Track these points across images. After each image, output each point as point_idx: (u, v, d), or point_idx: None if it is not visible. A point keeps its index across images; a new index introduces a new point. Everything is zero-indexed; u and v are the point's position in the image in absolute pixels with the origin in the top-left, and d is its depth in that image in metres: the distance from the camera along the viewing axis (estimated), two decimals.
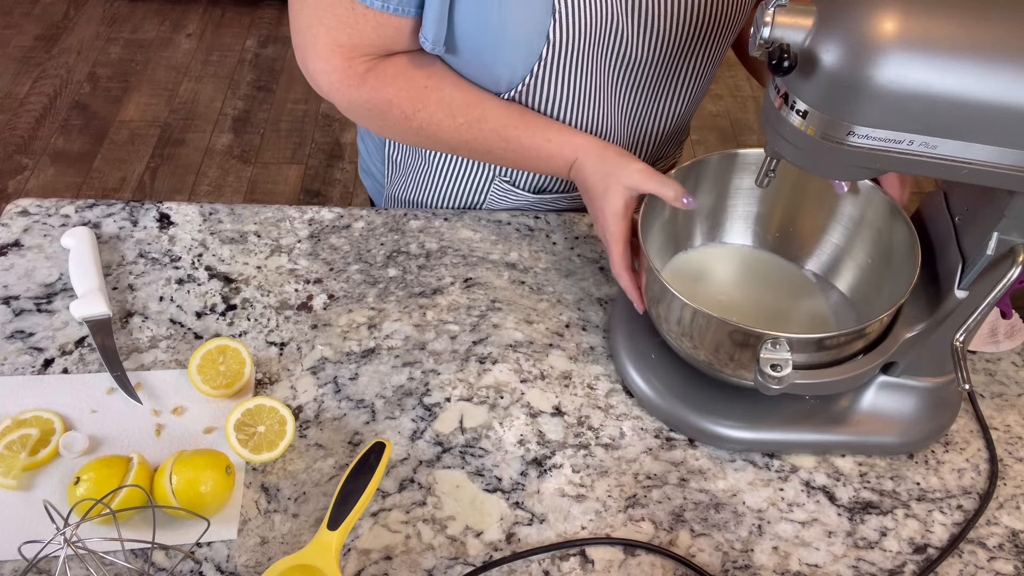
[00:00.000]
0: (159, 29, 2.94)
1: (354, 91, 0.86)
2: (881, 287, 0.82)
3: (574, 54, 0.84)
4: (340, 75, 0.85)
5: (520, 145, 0.88)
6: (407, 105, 0.87)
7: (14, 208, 0.97)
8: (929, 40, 0.55)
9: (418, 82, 0.86)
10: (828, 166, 0.63)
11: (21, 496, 0.73)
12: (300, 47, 0.86)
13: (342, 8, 0.80)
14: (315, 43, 0.84)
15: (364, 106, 0.88)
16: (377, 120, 0.89)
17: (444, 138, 0.89)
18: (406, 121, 0.88)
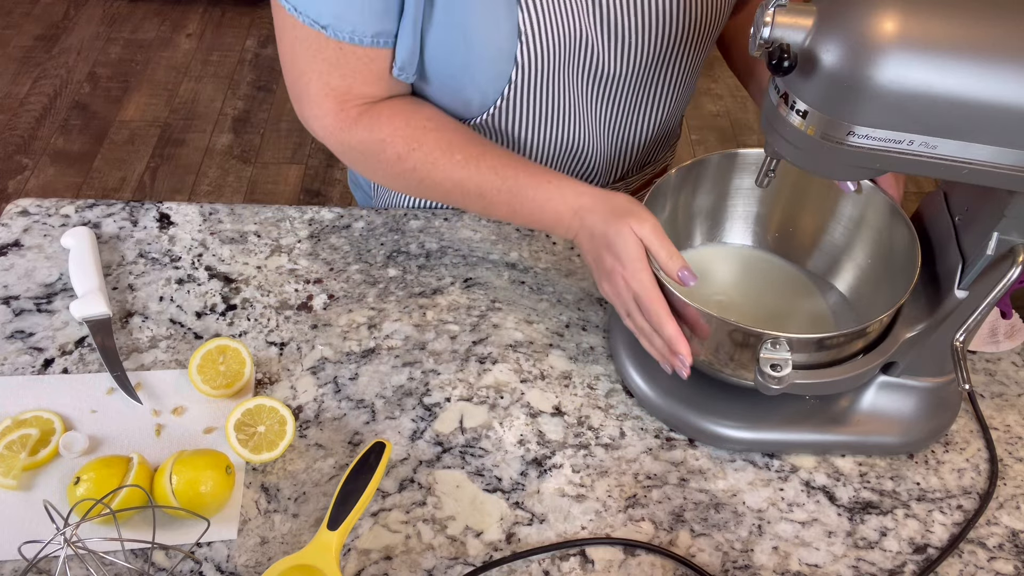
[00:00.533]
0: (159, 29, 2.93)
1: (346, 133, 0.85)
2: (881, 287, 0.82)
3: (545, 74, 0.84)
4: (333, 119, 0.85)
5: (517, 184, 0.82)
6: (402, 144, 0.84)
7: (14, 208, 0.98)
8: (929, 40, 0.55)
9: (416, 122, 0.85)
10: (828, 166, 0.63)
11: (21, 496, 0.73)
12: (296, 97, 0.87)
13: (330, 51, 0.81)
14: (308, 90, 0.84)
15: (357, 148, 0.86)
16: (370, 162, 0.87)
17: (437, 179, 0.85)
18: (399, 162, 0.85)
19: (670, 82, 0.92)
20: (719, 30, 0.91)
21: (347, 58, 0.81)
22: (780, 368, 0.70)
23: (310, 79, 0.83)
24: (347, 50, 0.81)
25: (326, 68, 0.82)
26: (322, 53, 0.81)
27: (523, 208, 0.82)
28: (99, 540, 0.69)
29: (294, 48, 0.83)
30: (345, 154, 0.88)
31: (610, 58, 0.86)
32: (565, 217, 0.81)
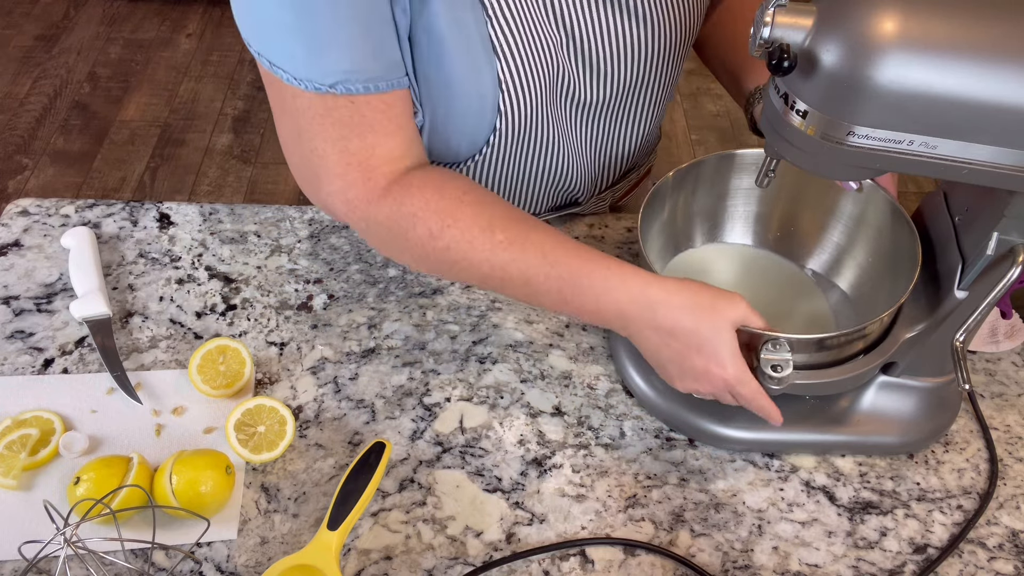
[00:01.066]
0: (159, 29, 2.93)
1: (374, 207, 0.75)
2: (882, 286, 0.82)
3: (529, 115, 0.81)
4: (359, 190, 0.75)
5: (570, 271, 0.72)
6: (434, 220, 0.74)
7: (14, 208, 0.97)
8: (929, 40, 0.55)
9: (450, 194, 0.75)
10: (828, 166, 0.63)
11: (21, 496, 0.73)
12: (308, 179, 0.77)
13: (342, 111, 0.72)
14: (325, 164, 0.74)
15: (384, 223, 0.76)
16: (397, 240, 0.76)
17: (475, 260, 0.74)
18: (431, 240, 0.74)
19: (649, 99, 0.91)
20: (693, 40, 0.90)
21: (363, 112, 0.72)
22: (781, 369, 0.70)
23: (325, 151, 0.74)
24: (361, 103, 0.72)
25: (341, 132, 0.73)
26: (332, 116, 0.72)
27: (576, 299, 0.73)
28: (99, 540, 0.69)
29: (298, 122, 0.73)
30: (369, 231, 0.78)
31: (587, 87, 0.84)
32: (630, 311, 0.72)
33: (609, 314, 0.73)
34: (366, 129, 0.73)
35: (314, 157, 0.75)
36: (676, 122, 2.63)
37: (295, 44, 0.69)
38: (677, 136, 2.58)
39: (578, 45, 0.81)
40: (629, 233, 1.00)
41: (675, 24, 0.84)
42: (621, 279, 0.72)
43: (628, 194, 1.06)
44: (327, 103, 0.71)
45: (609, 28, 0.81)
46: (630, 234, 1.00)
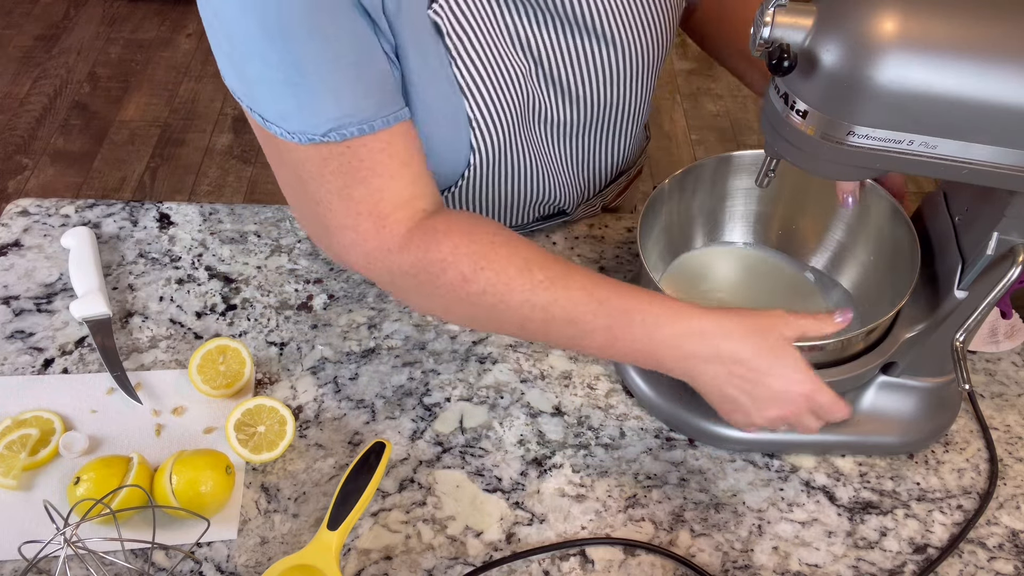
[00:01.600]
0: (159, 29, 2.93)
1: (396, 257, 0.70)
2: (883, 285, 0.82)
3: (503, 146, 0.79)
4: (375, 241, 0.70)
5: (618, 308, 0.68)
6: (467, 264, 0.69)
7: (14, 208, 0.97)
8: (929, 40, 0.55)
9: (480, 237, 0.70)
10: (828, 166, 0.63)
11: (21, 496, 0.73)
12: (318, 232, 0.74)
13: (340, 157, 0.68)
14: (332, 215, 0.70)
15: (409, 273, 0.70)
16: (425, 289, 0.71)
17: (513, 302, 0.69)
18: (463, 285, 0.69)
19: (625, 116, 0.89)
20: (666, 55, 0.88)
21: (360, 156, 0.68)
22: None
23: (330, 202, 0.69)
24: (357, 147, 0.67)
25: (343, 181, 0.68)
26: (331, 165, 0.68)
27: (627, 336, 0.68)
28: (99, 540, 0.69)
29: (298, 174, 0.70)
30: (395, 283, 0.73)
31: (561, 110, 0.83)
32: (687, 345, 0.67)
33: (664, 350, 0.68)
34: (367, 173, 0.69)
35: (320, 209, 0.71)
36: (676, 122, 2.63)
37: (286, 100, 0.66)
38: (677, 136, 2.58)
39: (547, 71, 0.79)
40: (629, 233, 1.00)
41: (645, 44, 0.82)
42: (674, 312, 0.68)
43: (620, 196, 1.06)
44: (323, 153, 0.67)
45: (577, 52, 0.79)
46: (630, 234, 1.00)
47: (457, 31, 0.71)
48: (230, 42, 0.66)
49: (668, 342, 0.68)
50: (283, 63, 0.64)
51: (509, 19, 0.75)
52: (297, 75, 0.65)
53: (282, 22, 0.63)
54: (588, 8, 0.77)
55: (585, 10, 0.77)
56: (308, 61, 0.64)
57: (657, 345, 0.68)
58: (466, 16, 0.72)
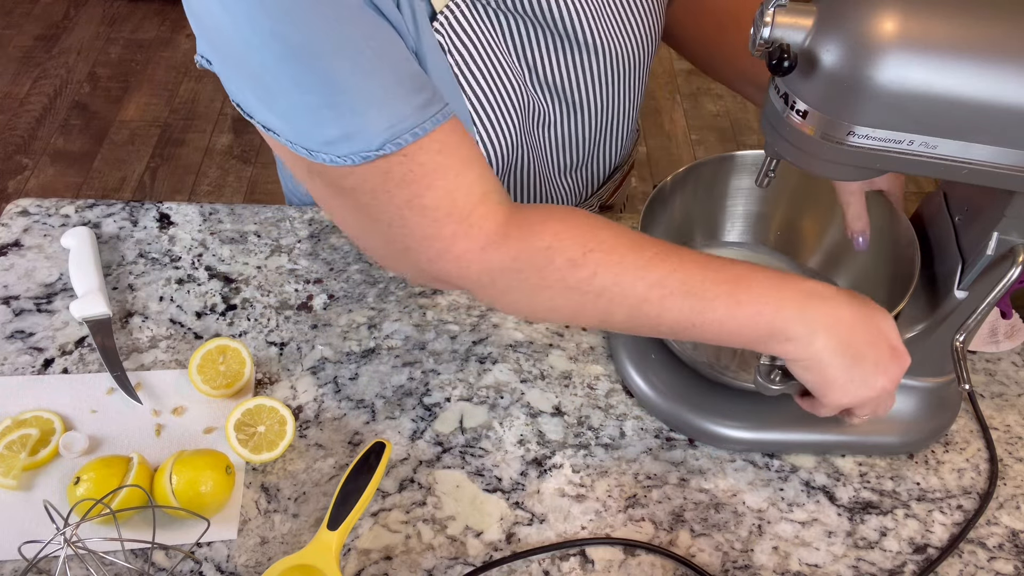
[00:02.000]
0: (159, 29, 2.93)
1: (492, 254, 0.66)
2: (882, 287, 0.82)
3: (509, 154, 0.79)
4: (465, 242, 0.65)
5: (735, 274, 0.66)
6: (573, 247, 0.65)
7: (14, 208, 0.97)
8: (929, 40, 0.55)
9: (578, 222, 0.67)
10: (828, 166, 0.63)
11: (21, 496, 0.73)
12: (398, 255, 0.69)
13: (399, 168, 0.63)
14: (409, 231, 0.65)
15: (511, 267, 0.66)
16: (531, 280, 0.66)
17: (627, 282, 0.65)
18: (573, 269, 0.65)
19: (622, 112, 0.90)
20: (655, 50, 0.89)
21: (421, 161, 0.64)
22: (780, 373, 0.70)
23: (404, 218, 0.65)
24: (414, 152, 0.63)
25: (411, 192, 0.64)
26: (393, 179, 0.63)
27: (750, 300, 0.64)
28: (99, 540, 0.69)
29: (359, 201, 0.65)
30: (496, 282, 0.67)
31: (558, 115, 0.84)
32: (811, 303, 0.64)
33: (789, 310, 0.64)
34: (433, 177, 0.64)
35: (394, 230, 0.66)
36: (676, 122, 2.63)
37: (331, 123, 0.61)
38: (677, 136, 2.58)
39: (541, 78, 0.80)
40: None
41: (629, 46, 0.83)
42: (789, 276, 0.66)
43: (614, 195, 1.06)
44: (381, 168, 0.63)
45: (565, 59, 0.80)
46: None
47: (458, 46, 0.71)
48: (255, 80, 0.62)
49: (794, 300, 0.64)
50: (318, 84, 0.60)
51: (504, 28, 0.75)
52: (336, 93, 0.61)
53: (308, 40, 0.59)
54: (569, 16, 0.77)
55: (566, 18, 0.77)
56: (344, 76, 0.60)
57: (784, 306, 0.64)
58: (466, 30, 0.72)
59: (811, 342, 0.65)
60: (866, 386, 0.66)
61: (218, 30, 0.61)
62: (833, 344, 0.64)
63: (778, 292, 0.65)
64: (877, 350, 0.65)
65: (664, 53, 2.84)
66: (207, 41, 0.64)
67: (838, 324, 0.64)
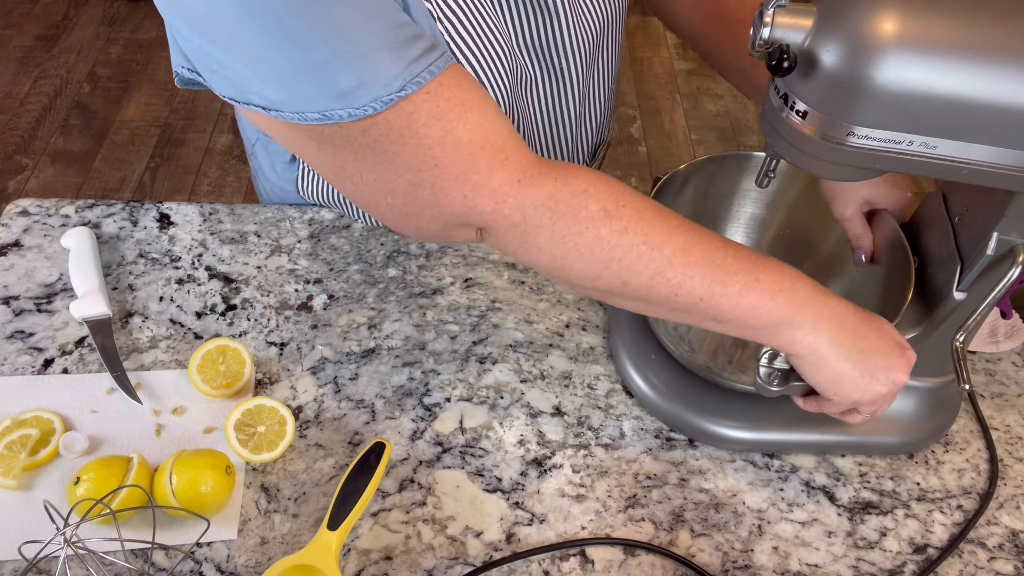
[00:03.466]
0: (159, 29, 2.93)
1: (529, 188, 0.64)
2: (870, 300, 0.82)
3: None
4: (502, 173, 0.63)
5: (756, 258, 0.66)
6: (608, 198, 0.64)
7: (14, 208, 0.98)
8: (929, 40, 0.55)
9: (608, 178, 0.67)
10: (828, 166, 0.63)
11: (21, 496, 0.73)
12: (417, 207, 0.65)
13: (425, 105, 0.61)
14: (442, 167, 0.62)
15: (547, 204, 0.64)
16: (563, 222, 0.65)
17: (656, 243, 0.64)
18: (606, 220, 0.64)
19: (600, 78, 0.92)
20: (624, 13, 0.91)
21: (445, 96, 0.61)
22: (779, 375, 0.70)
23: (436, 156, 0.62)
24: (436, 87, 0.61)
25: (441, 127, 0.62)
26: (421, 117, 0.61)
27: (767, 276, 0.65)
28: (99, 540, 0.69)
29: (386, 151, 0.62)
30: (528, 219, 0.65)
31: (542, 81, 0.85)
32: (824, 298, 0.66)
33: (802, 298, 0.65)
34: (461, 108, 0.62)
35: (424, 174, 0.62)
36: (676, 122, 2.63)
37: (343, 74, 0.58)
38: (677, 136, 2.58)
39: (524, 42, 0.81)
40: None
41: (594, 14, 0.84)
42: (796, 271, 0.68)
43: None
44: (407, 108, 0.60)
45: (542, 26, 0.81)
46: None
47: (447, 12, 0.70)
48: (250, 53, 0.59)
49: (807, 292, 0.66)
50: (324, 35, 0.57)
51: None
52: (344, 42, 0.58)
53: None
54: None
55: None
56: (348, 23, 0.58)
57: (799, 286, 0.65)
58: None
59: (818, 335, 0.65)
60: (877, 381, 0.67)
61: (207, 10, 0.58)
62: (840, 339, 0.65)
63: (793, 281, 0.66)
64: (885, 345, 0.67)
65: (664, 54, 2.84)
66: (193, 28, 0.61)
67: (843, 321, 0.66)
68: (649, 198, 0.67)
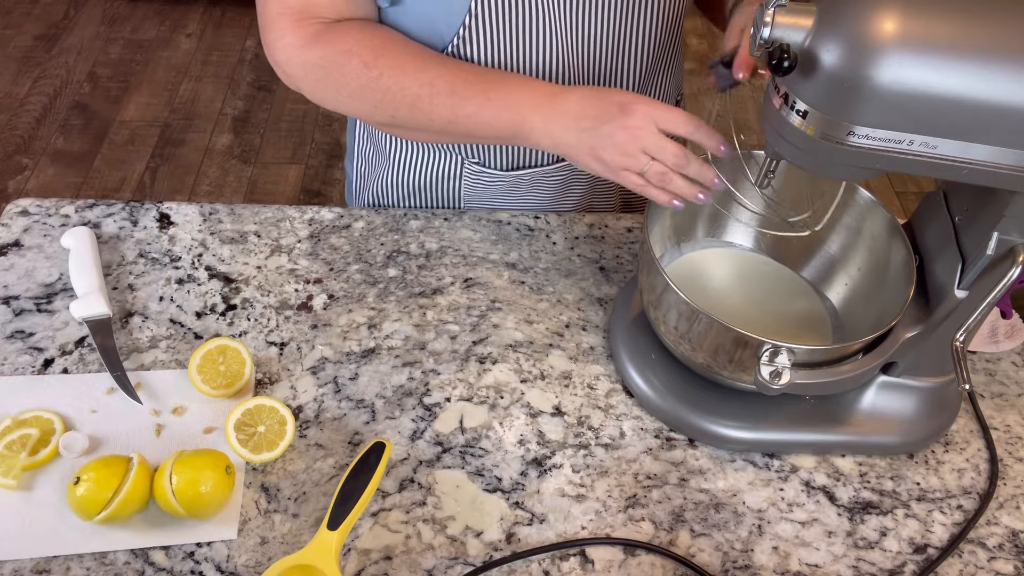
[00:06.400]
0: (159, 29, 2.93)
1: (308, 51, 0.83)
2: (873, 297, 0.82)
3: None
4: (291, 37, 0.83)
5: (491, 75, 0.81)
6: (367, 52, 0.82)
7: (14, 208, 0.97)
8: (929, 40, 0.55)
9: (379, 34, 0.84)
10: (828, 166, 0.63)
11: (21, 496, 0.73)
12: (261, 28, 0.86)
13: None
14: (266, 13, 0.83)
15: (319, 63, 0.83)
16: (332, 76, 0.83)
17: (406, 83, 0.81)
18: (365, 70, 0.82)
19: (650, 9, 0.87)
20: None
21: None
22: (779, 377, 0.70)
23: (269, 3, 0.83)
24: None
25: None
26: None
27: (498, 93, 0.80)
28: (99, 540, 0.69)
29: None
30: (308, 75, 0.85)
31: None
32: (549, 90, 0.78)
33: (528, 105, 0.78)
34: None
35: (261, 6, 0.84)
36: None
37: None
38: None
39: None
40: (629, 233, 1.00)
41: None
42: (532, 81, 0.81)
43: None
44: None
45: None
46: (630, 234, 1.00)
47: None
48: None
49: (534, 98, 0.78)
50: None
51: None
52: None
53: None
54: None
55: None
56: None
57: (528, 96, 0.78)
58: None
59: (551, 133, 0.78)
60: (602, 140, 0.75)
61: None
62: (567, 124, 0.77)
63: (521, 91, 0.79)
64: (605, 113, 0.75)
65: None
66: None
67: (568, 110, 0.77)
68: (416, 45, 0.84)
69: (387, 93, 0.82)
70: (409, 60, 0.82)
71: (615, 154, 0.75)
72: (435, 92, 0.81)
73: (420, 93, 0.81)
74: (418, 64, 0.82)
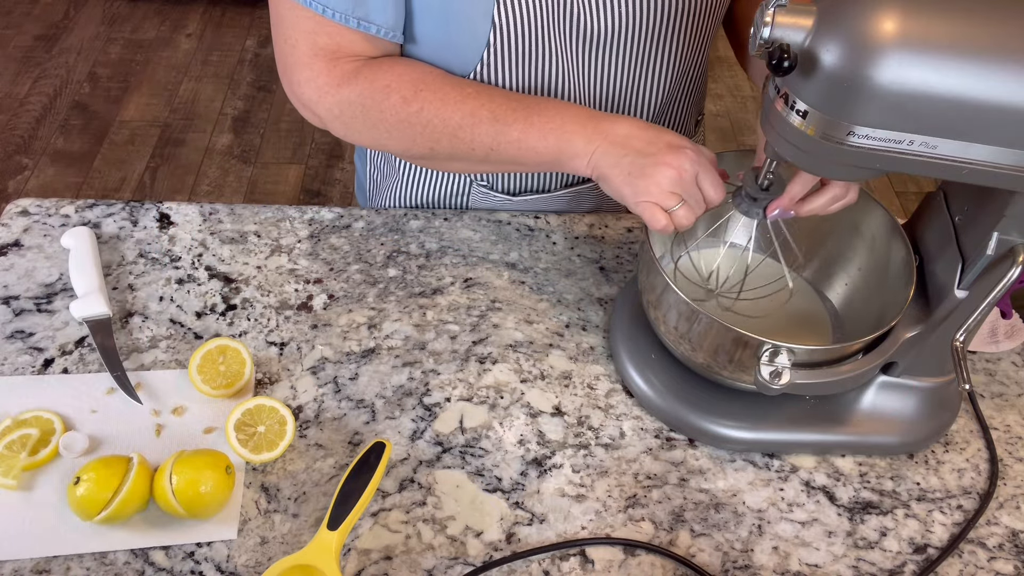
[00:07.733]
0: (159, 29, 2.93)
1: (344, 90, 0.83)
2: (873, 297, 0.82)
3: (526, 36, 0.82)
4: (326, 77, 0.83)
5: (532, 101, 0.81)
6: (408, 87, 0.81)
7: (14, 208, 0.97)
8: (929, 40, 0.55)
9: (418, 69, 0.83)
10: (828, 166, 0.63)
11: (21, 496, 0.73)
12: (284, 66, 0.85)
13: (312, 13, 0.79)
14: (295, 53, 0.82)
15: (356, 101, 0.83)
16: (371, 113, 0.83)
17: (447, 114, 0.81)
18: (404, 105, 0.81)
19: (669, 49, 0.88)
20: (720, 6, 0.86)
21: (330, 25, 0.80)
22: (779, 377, 0.70)
23: (297, 41, 0.82)
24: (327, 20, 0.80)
25: (313, 27, 0.80)
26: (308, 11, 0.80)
27: (540, 118, 0.79)
28: (99, 540, 0.69)
29: (279, 9, 0.82)
30: (343, 113, 0.84)
31: (596, 19, 0.82)
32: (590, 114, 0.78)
33: (572, 128, 0.78)
34: (334, 32, 0.81)
35: (287, 47, 0.83)
36: None
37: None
38: None
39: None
40: (629, 233, 1.00)
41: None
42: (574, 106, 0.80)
43: None
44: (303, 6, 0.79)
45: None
46: (630, 234, 1.00)
47: None
48: None
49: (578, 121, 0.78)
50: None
51: None
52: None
53: None
54: None
55: None
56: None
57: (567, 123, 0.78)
58: None
59: (591, 155, 0.77)
60: (642, 169, 0.75)
61: None
62: (608, 150, 0.76)
63: (563, 116, 0.79)
64: (653, 147, 0.75)
65: None
66: None
67: (614, 135, 0.76)
68: (453, 76, 0.84)
69: (427, 126, 0.82)
70: (450, 91, 0.81)
71: (649, 184, 0.74)
72: (477, 121, 0.81)
73: (462, 123, 0.81)
74: (459, 94, 0.81)
